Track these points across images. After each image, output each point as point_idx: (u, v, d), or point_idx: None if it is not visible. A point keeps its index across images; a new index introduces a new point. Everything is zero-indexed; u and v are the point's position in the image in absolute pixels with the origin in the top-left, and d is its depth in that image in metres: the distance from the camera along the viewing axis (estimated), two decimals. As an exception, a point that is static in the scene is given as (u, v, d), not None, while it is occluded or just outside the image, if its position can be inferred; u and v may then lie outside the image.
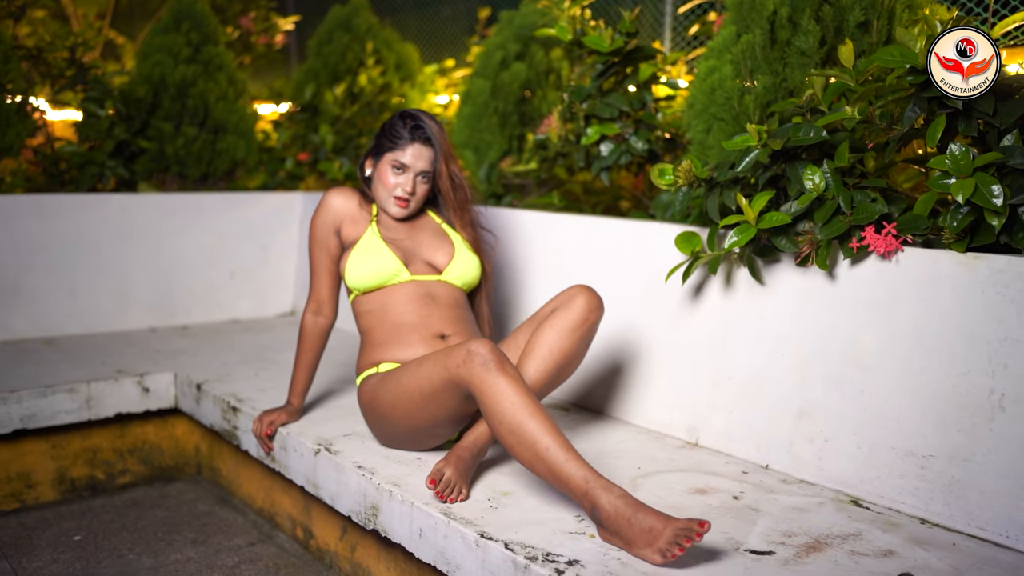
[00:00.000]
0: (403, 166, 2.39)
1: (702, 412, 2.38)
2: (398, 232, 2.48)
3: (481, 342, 1.95)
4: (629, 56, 2.83)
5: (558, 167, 3.25)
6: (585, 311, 2.17)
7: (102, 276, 3.67)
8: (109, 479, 3.06)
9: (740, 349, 2.29)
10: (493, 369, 1.91)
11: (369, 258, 2.40)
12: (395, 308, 2.38)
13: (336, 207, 2.47)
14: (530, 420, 1.85)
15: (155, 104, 3.99)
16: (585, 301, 2.18)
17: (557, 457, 1.81)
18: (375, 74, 4.41)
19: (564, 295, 2.22)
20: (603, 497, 1.75)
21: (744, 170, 2.13)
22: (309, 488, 2.39)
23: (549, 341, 2.16)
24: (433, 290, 2.42)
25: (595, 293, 2.20)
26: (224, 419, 2.79)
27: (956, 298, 1.86)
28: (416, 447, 2.29)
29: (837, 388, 2.07)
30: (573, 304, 2.17)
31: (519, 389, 1.89)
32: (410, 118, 2.41)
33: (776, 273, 2.22)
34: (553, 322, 2.17)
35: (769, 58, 2.47)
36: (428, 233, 2.51)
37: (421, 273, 2.43)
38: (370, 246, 2.42)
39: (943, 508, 1.87)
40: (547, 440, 1.83)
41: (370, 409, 2.29)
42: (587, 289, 2.20)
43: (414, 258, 2.45)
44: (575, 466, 1.80)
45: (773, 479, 2.14)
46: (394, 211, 2.43)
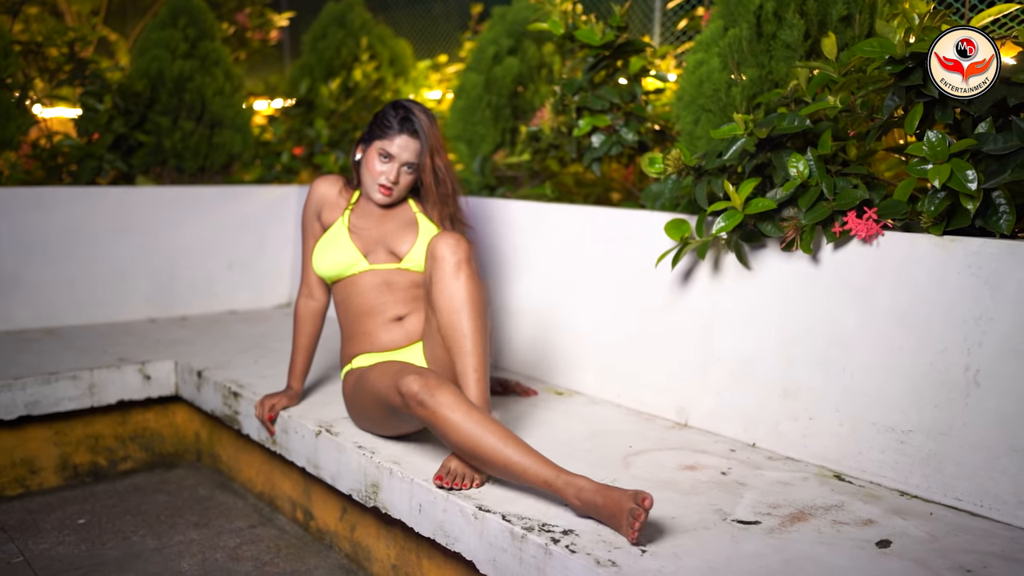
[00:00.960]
0: (389, 155, 2.45)
1: (691, 393, 2.46)
2: (369, 221, 2.54)
3: (410, 380, 2.00)
4: (619, 50, 2.90)
5: (550, 159, 3.32)
6: (451, 255, 2.20)
7: (101, 268, 3.73)
8: (111, 465, 3.12)
9: (728, 332, 2.37)
10: (429, 405, 1.97)
11: (329, 249, 2.50)
12: (356, 298, 2.47)
13: (319, 194, 2.59)
14: (483, 440, 1.92)
15: (153, 98, 4.04)
16: (445, 247, 2.21)
17: (516, 467, 1.89)
18: (369, 69, 4.48)
19: (428, 256, 2.26)
20: (568, 494, 1.83)
21: (731, 158, 2.21)
22: (310, 469, 2.46)
23: (446, 303, 2.19)
24: (391, 278, 2.47)
25: (451, 235, 2.24)
26: (225, 404, 2.85)
27: (933, 279, 1.94)
28: (404, 433, 2.36)
29: (821, 368, 2.15)
30: (438, 258, 2.21)
31: (461, 413, 1.95)
32: (401, 109, 2.47)
33: (762, 258, 2.29)
34: (436, 285, 2.21)
35: (755, 51, 2.55)
36: (398, 222, 2.54)
37: (381, 262, 2.48)
38: (333, 237, 2.51)
39: (921, 480, 1.95)
40: (505, 454, 1.91)
41: (349, 403, 2.40)
42: (442, 236, 2.24)
43: (377, 247, 2.50)
44: (536, 471, 1.88)
45: (759, 456, 2.22)
46: (377, 198, 2.49)
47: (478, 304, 2.20)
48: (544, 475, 1.87)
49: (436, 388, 1.98)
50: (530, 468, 1.88)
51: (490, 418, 1.97)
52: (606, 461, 2.17)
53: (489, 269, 3.12)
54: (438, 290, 2.20)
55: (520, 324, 3.04)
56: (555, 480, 1.85)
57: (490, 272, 3.12)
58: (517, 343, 3.05)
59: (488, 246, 3.13)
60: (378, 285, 2.47)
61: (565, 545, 1.69)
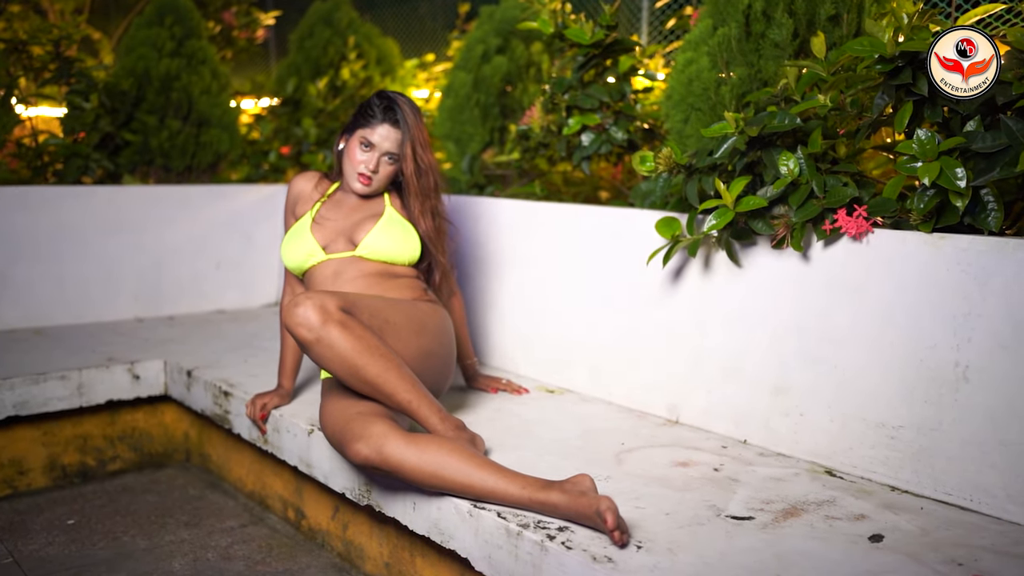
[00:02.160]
0: (370, 144, 2.46)
1: (683, 391, 2.47)
2: (338, 212, 2.54)
3: (358, 448, 1.94)
4: (609, 48, 2.91)
5: (539, 158, 3.33)
6: (296, 333, 2.08)
7: (89, 267, 3.71)
8: (100, 465, 3.11)
9: (718, 329, 2.38)
10: (382, 465, 1.92)
11: (292, 241, 2.52)
12: (315, 287, 2.46)
13: (295, 191, 2.63)
14: (444, 473, 1.89)
15: (139, 97, 4.02)
16: (291, 326, 2.08)
17: (490, 494, 1.86)
18: (357, 68, 4.47)
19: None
20: (551, 499, 1.81)
21: (722, 156, 2.22)
22: (303, 468, 2.46)
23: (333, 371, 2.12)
24: (341, 267, 2.45)
25: (292, 308, 2.07)
26: (216, 404, 2.84)
27: (923, 276, 1.96)
28: None
29: (811, 364, 2.17)
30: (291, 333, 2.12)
31: (412, 453, 1.91)
32: (386, 99, 2.47)
33: (752, 255, 2.31)
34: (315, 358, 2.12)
35: (744, 50, 2.56)
36: (366, 214, 2.52)
37: (338, 252, 2.48)
38: (296, 230, 2.53)
39: (912, 475, 1.97)
40: (472, 483, 1.87)
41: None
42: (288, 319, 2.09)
43: (338, 238, 2.49)
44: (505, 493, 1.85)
45: (751, 452, 2.23)
46: (356, 187, 2.49)
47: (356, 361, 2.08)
48: (514, 495, 1.84)
49: (381, 443, 1.93)
50: (507, 493, 1.85)
51: (447, 446, 1.93)
52: (599, 459, 2.18)
53: (478, 267, 3.13)
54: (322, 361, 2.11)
55: (510, 323, 3.04)
56: (531, 493, 1.82)
57: (479, 270, 3.12)
58: (507, 341, 3.05)
59: (477, 244, 3.14)
60: (328, 276, 2.45)
61: (561, 542, 1.70)
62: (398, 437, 1.93)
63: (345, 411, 2.07)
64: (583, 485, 1.80)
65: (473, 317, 3.14)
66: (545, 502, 1.80)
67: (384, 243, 2.47)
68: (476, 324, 3.14)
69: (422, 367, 2.28)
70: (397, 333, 2.23)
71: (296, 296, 2.09)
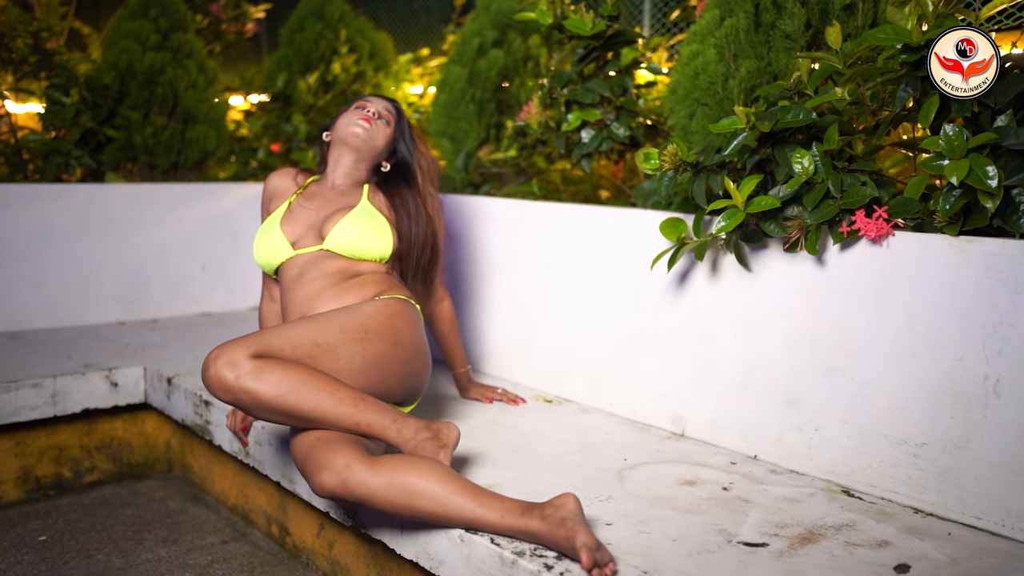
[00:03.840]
0: (365, 103, 2.43)
1: (688, 402, 2.34)
2: (313, 202, 2.37)
3: (323, 479, 1.78)
4: (610, 41, 2.77)
5: (537, 155, 3.19)
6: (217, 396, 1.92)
7: (69, 268, 3.57)
8: (76, 477, 2.97)
9: (726, 337, 2.24)
10: (350, 497, 1.76)
11: (260, 238, 2.36)
12: (284, 294, 2.30)
13: (269, 188, 2.49)
14: (417, 504, 1.73)
15: (122, 92, 3.88)
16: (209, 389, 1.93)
17: (465, 519, 1.72)
18: (349, 62, 4.33)
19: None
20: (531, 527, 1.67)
21: (731, 153, 2.08)
22: (285, 484, 2.32)
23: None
24: (306, 266, 2.27)
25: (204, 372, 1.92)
26: (196, 413, 2.70)
27: (948, 282, 1.83)
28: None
29: (826, 376, 2.03)
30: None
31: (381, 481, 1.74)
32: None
33: (763, 259, 2.17)
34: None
35: (753, 42, 2.43)
36: (339, 205, 2.36)
37: (306, 247, 2.30)
38: (266, 225, 2.37)
39: (937, 497, 1.83)
40: (447, 509, 1.72)
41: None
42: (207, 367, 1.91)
43: (308, 232, 2.32)
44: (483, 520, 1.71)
45: (762, 469, 2.10)
46: (356, 130, 2.37)
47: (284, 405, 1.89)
48: (493, 523, 1.69)
49: (345, 474, 1.76)
50: (476, 518, 1.70)
51: (415, 470, 1.74)
52: (600, 476, 2.05)
53: (473, 270, 2.99)
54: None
55: (506, 328, 2.90)
56: (512, 520, 1.68)
57: (473, 273, 2.98)
58: (503, 348, 2.91)
59: (471, 246, 3.00)
60: (294, 277, 2.27)
61: (560, 572, 1.56)
62: (362, 465, 1.75)
63: (306, 437, 1.90)
64: (565, 510, 1.64)
65: (467, 322, 3.00)
66: (525, 530, 1.66)
67: (352, 235, 2.27)
68: (470, 330, 3.00)
69: (376, 375, 2.07)
70: (332, 352, 1.99)
71: (207, 357, 1.88)
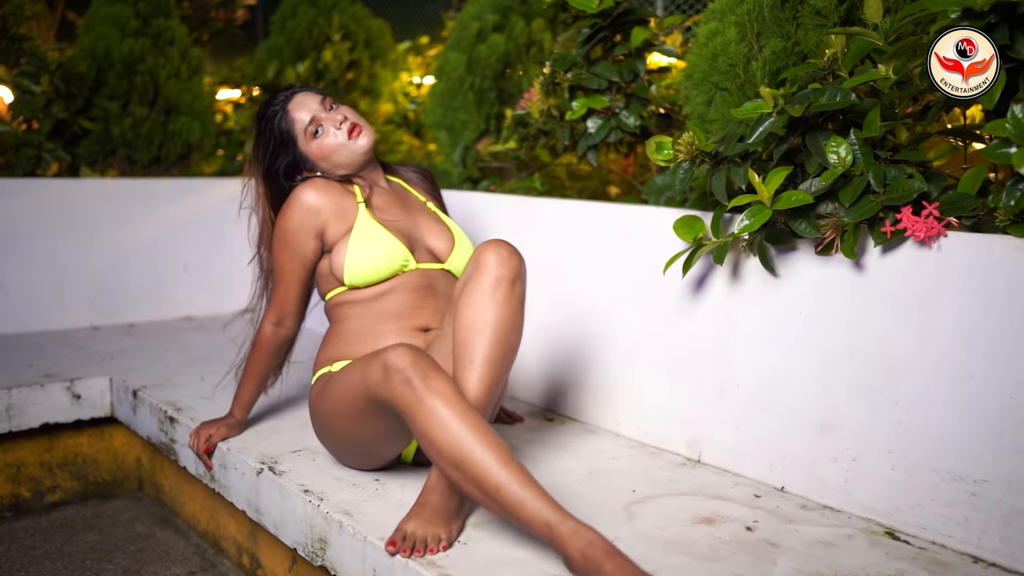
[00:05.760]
0: (312, 120, 2.10)
1: (704, 424, 2.07)
2: (393, 212, 2.15)
3: (400, 352, 1.62)
4: (619, 19, 2.51)
5: (540, 147, 2.93)
6: (496, 268, 1.77)
7: (38, 269, 3.33)
8: (36, 497, 2.73)
9: (749, 351, 1.98)
10: (418, 387, 1.58)
11: (372, 247, 2.04)
12: (390, 298, 2.05)
13: (315, 207, 2.06)
14: (474, 450, 1.53)
15: (99, 81, 3.63)
16: (493, 256, 1.79)
17: (512, 496, 1.50)
18: (342, 50, 4.07)
19: (472, 258, 1.85)
20: (571, 545, 1.44)
21: (756, 141, 1.82)
22: (251, 514, 2.07)
23: (469, 321, 1.77)
24: (435, 281, 2.10)
25: (504, 244, 1.82)
26: (161, 431, 2.46)
27: (1012, 291, 1.56)
28: (364, 465, 1.97)
29: (866, 398, 1.76)
30: (481, 266, 1.79)
31: (455, 410, 1.56)
32: (264, 109, 2.17)
33: (791, 262, 1.91)
34: (467, 297, 1.79)
35: (779, 19, 2.16)
36: (423, 214, 2.21)
37: (425, 261, 2.12)
38: (369, 233, 2.06)
39: (1000, 544, 1.56)
40: (498, 476, 1.51)
41: (313, 415, 1.97)
42: (493, 243, 1.82)
43: (417, 244, 2.13)
44: (535, 507, 1.49)
45: (791, 504, 1.83)
46: (362, 145, 2.10)
47: (506, 333, 1.77)
48: (545, 515, 1.47)
49: (431, 370, 1.60)
50: (528, 502, 1.49)
51: (490, 429, 1.57)
52: (605, 511, 1.78)
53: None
54: (465, 303, 1.78)
55: (505, 336, 2.64)
56: (559, 525, 1.46)
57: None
58: (501, 358, 2.65)
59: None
60: (422, 288, 2.07)
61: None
62: (454, 385, 1.61)
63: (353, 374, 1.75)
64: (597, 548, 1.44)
65: (462, 329, 2.73)
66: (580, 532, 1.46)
67: (467, 257, 2.16)
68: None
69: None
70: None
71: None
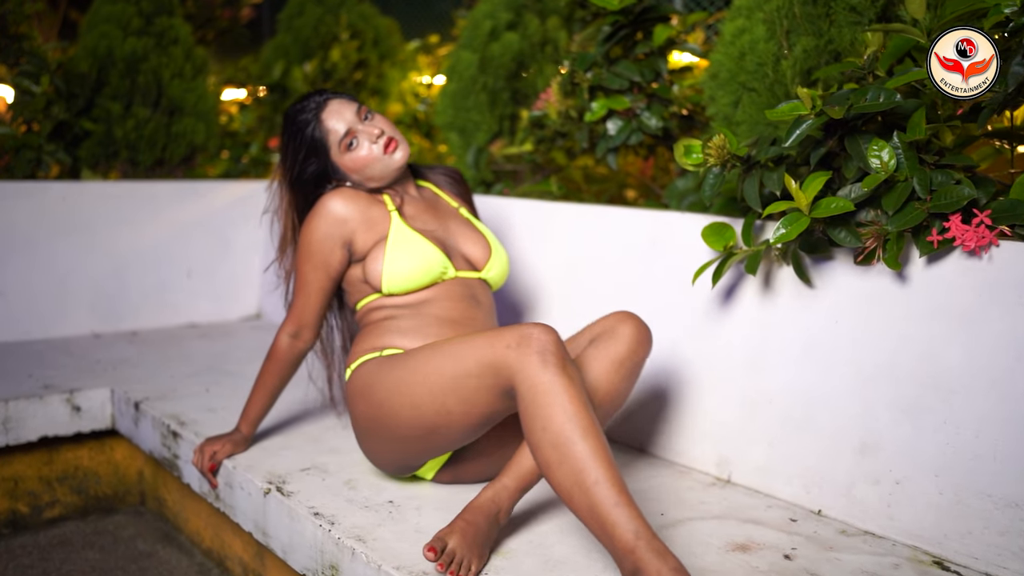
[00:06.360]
0: (348, 132, 1.99)
1: (735, 442, 1.97)
2: (425, 220, 2.06)
3: (545, 328, 1.58)
4: (641, 17, 2.41)
5: (556, 149, 2.82)
6: (632, 343, 1.77)
7: (38, 275, 3.23)
8: (34, 512, 2.63)
9: (782, 366, 1.88)
10: (553, 364, 1.52)
11: (410, 254, 1.95)
12: (437, 305, 1.96)
13: (343, 216, 1.97)
14: (583, 439, 1.45)
15: (101, 81, 3.54)
16: (632, 331, 1.78)
17: (605, 495, 1.41)
18: (350, 49, 3.97)
19: (606, 322, 1.82)
20: (652, 566, 1.34)
21: (793, 145, 1.72)
22: (258, 536, 1.97)
23: (590, 377, 1.74)
24: (476, 291, 2.02)
25: (642, 322, 1.81)
26: (164, 445, 2.36)
27: (1073, 306, 1.46)
28: (400, 457, 1.85)
29: (910, 417, 1.66)
30: (618, 334, 1.77)
31: (579, 398, 1.50)
32: (295, 114, 2.03)
33: (827, 273, 1.80)
34: (594, 354, 1.76)
35: (811, 15, 2.07)
36: (456, 221, 2.12)
37: (462, 269, 2.03)
38: (406, 240, 1.96)
39: (1061, 577, 1.46)
40: (598, 471, 1.43)
41: (362, 397, 1.84)
42: (632, 317, 1.81)
43: (452, 252, 2.05)
44: (626, 514, 1.40)
45: (830, 530, 1.72)
46: (397, 159, 2.01)
47: (616, 406, 1.81)
48: (636, 525, 1.39)
49: (568, 357, 1.56)
50: (623, 506, 1.41)
51: (599, 428, 1.50)
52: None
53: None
54: (588, 362, 1.76)
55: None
56: (650, 540, 1.38)
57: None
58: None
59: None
60: (467, 297, 1.99)
61: None
62: (577, 375, 1.56)
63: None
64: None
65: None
66: (666, 557, 1.37)
67: (503, 266, 2.11)
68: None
69: None
70: None
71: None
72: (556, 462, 1.46)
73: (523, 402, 1.52)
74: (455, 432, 1.74)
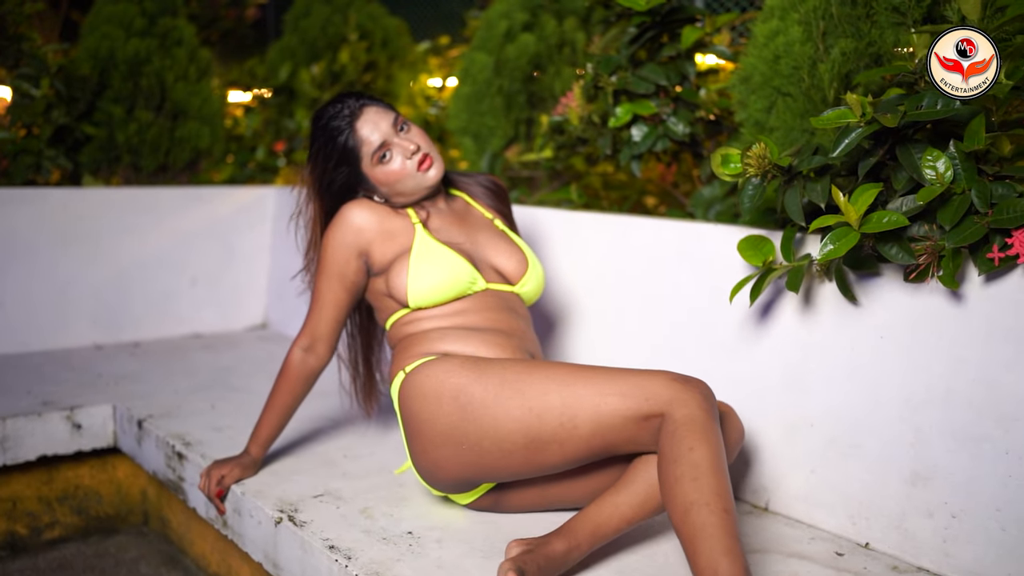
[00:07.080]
0: (383, 145, 1.88)
1: (774, 468, 1.86)
2: (450, 233, 1.96)
3: (703, 382, 1.56)
4: (668, 18, 2.31)
5: (576, 156, 2.72)
6: (740, 438, 1.74)
7: (38, 284, 3.13)
8: (33, 534, 2.52)
9: (824, 388, 1.77)
10: (711, 409, 1.51)
11: (436, 265, 1.85)
12: (474, 316, 1.87)
13: (360, 226, 1.90)
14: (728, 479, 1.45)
15: (102, 84, 3.44)
16: (741, 428, 1.75)
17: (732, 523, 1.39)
18: (359, 51, 3.87)
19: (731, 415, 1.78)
20: None
21: (842, 154, 1.61)
22: (268, 567, 1.86)
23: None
24: (514, 304, 1.94)
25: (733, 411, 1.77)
26: (168, 467, 2.26)
27: None
28: (473, 471, 1.71)
29: (967, 447, 1.55)
30: (729, 424, 1.72)
31: (721, 444, 1.48)
32: (328, 119, 1.92)
33: (874, 290, 1.70)
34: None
35: (850, 16, 1.97)
36: (487, 232, 2.02)
37: (494, 282, 1.94)
38: (431, 252, 1.87)
39: None
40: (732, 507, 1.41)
41: (437, 399, 1.69)
42: (730, 409, 1.76)
43: (481, 264, 1.95)
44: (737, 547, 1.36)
45: (880, 565, 1.62)
46: (431, 177, 1.91)
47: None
48: (745, 560, 1.35)
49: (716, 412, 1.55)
50: (738, 540, 1.37)
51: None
52: (669, 571, 1.57)
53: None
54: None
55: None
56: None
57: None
58: (536, 385, 2.44)
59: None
60: (504, 308, 1.91)
61: None
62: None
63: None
64: None
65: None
66: None
67: (540, 280, 2.02)
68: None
69: None
70: None
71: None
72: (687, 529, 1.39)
73: (676, 428, 1.48)
74: (568, 452, 1.61)
